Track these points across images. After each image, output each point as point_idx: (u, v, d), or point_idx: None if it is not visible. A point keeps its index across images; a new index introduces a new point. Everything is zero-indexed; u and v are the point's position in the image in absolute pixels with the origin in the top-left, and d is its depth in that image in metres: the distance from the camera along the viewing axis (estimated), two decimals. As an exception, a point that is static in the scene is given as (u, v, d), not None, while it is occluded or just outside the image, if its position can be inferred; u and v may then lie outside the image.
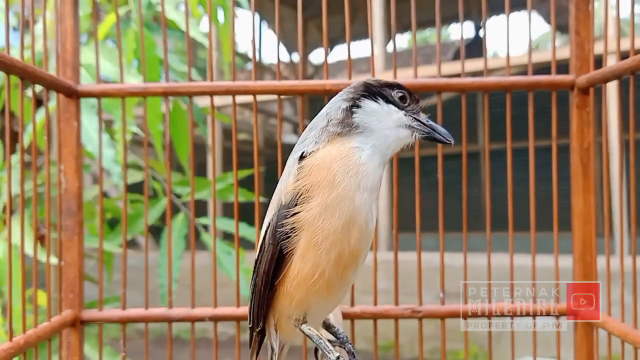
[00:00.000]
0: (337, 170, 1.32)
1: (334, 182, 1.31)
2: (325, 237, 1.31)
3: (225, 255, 3.13)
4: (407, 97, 1.46)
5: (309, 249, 1.32)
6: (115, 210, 3.63)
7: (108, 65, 2.92)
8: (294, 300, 1.38)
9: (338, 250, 1.32)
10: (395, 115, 1.44)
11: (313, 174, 1.33)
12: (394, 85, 1.47)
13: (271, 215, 1.41)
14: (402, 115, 1.44)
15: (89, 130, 2.84)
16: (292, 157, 1.43)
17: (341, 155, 1.34)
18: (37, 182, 1.76)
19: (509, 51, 2.05)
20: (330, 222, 1.30)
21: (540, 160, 2.06)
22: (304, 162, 1.36)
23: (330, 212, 1.30)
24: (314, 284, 1.34)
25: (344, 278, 1.37)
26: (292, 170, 1.38)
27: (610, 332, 1.83)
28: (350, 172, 1.33)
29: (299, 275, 1.35)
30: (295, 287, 1.37)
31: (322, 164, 1.34)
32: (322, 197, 1.31)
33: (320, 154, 1.36)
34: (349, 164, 1.34)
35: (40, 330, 1.76)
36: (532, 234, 2.01)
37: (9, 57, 1.59)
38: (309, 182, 1.33)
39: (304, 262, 1.33)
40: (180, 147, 3.50)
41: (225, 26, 3.42)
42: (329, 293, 1.37)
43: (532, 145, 2.03)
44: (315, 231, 1.31)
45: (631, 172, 1.76)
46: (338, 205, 1.30)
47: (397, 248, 2.02)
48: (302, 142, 1.44)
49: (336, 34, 13.04)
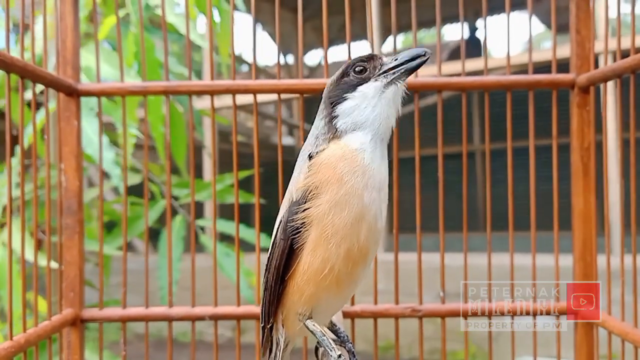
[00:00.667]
0: (343, 170, 1.33)
1: (342, 180, 1.32)
2: (335, 232, 1.32)
3: (224, 257, 3.12)
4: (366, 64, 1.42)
5: (319, 243, 1.33)
6: (112, 213, 3.63)
7: (107, 67, 2.91)
8: (304, 295, 1.39)
9: (347, 245, 1.33)
10: (369, 90, 1.40)
11: (322, 171, 1.34)
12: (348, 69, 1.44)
13: (282, 213, 1.42)
14: (373, 84, 1.41)
15: (88, 133, 2.84)
16: (301, 156, 1.45)
17: (345, 156, 1.35)
18: (37, 183, 1.75)
19: (509, 50, 2.05)
20: (340, 217, 1.31)
21: (537, 159, 2.06)
22: (313, 160, 1.37)
23: (340, 208, 1.31)
24: (324, 278, 1.35)
25: (352, 274, 1.37)
26: (303, 168, 1.39)
27: (611, 332, 1.84)
28: (357, 172, 1.34)
29: (309, 270, 1.36)
30: (305, 282, 1.37)
31: (328, 163, 1.35)
32: (331, 193, 1.32)
33: (326, 153, 1.37)
34: (354, 165, 1.34)
35: (40, 329, 1.75)
36: (533, 233, 2.01)
37: (9, 56, 1.59)
38: (318, 179, 1.34)
39: (314, 256, 1.34)
40: (177, 149, 3.49)
41: (224, 27, 3.42)
42: (338, 289, 1.38)
43: (532, 145, 2.03)
44: (325, 226, 1.32)
45: (631, 171, 1.76)
46: (347, 202, 1.31)
47: (397, 247, 2.02)
48: (307, 144, 1.46)
49: (332, 34, 13.06)
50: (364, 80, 1.41)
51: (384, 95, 1.40)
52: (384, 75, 1.40)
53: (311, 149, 1.42)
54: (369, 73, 1.41)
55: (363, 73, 1.41)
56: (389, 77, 1.39)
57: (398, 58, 1.40)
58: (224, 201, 3.49)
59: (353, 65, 1.43)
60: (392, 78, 1.39)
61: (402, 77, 1.40)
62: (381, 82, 1.40)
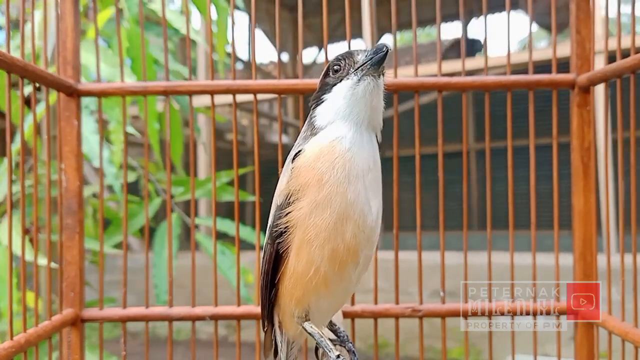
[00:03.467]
0: (322, 168, 1.32)
1: (322, 181, 1.31)
2: (317, 234, 1.31)
3: (219, 255, 3.12)
4: (342, 62, 1.44)
5: (302, 246, 1.33)
6: (107, 211, 3.61)
7: (102, 65, 2.90)
8: (294, 297, 1.39)
9: (332, 246, 1.32)
10: (342, 89, 1.41)
11: (302, 174, 1.34)
12: (328, 69, 1.46)
13: (270, 216, 1.43)
14: (346, 82, 1.41)
15: (83, 131, 2.82)
16: (288, 159, 1.44)
17: (322, 152, 1.34)
18: (37, 181, 1.75)
19: (509, 50, 2.05)
20: (322, 218, 1.31)
21: (534, 158, 2.06)
22: (294, 163, 1.37)
23: (321, 209, 1.31)
24: (310, 280, 1.34)
25: (342, 274, 1.36)
26: (286, 172, 1.39)
27: (610, 331, 1.83)
28: (337, 166, 1.32)
29: (295, 273, 1.36)
30: (292, 285, 1.38)
31: (307, 164, 1.34)
32: (312, 195, 1.32)
33: (304, 155, 1.36)
34: (333, 157, 1.33)
35: (40, 329, 1.75)
36: (533, 232, 2.01)
37: (10, 55, 1.58)
38: (299, 182, 1.34)
39: (298, 259, 1.35)
40: (173, 146, 3.49)
41: (221, 25, 3.41)
42: (327, 290, 1.37)
43: (533, 144, 2.03)
44: (307, 229, 1.32)
45: (631, 170, 1.76)
46: (329, 202, 1.31)
47: (397, 247, 2.02)
48: (295, 144, 1.46)
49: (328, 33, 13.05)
50: (339, 80, 1.42)
51: (355, 92, 1.39)
52: (355, 72, 1.40)
53: (296, 149, 1.42)
54: (343, 72, 1.42)
55: (339, 72, 1.43)
56: (358, 74, 1.40)
57: (367, 54, 1.41)
58: (219, 199, 3.48)
59: (332, 65, 1.44)
60: (361, 75, 1.39)
61: (369, 72, 1.39)
62: (352, 80, 1.40)
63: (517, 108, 2.05)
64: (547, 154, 2.06)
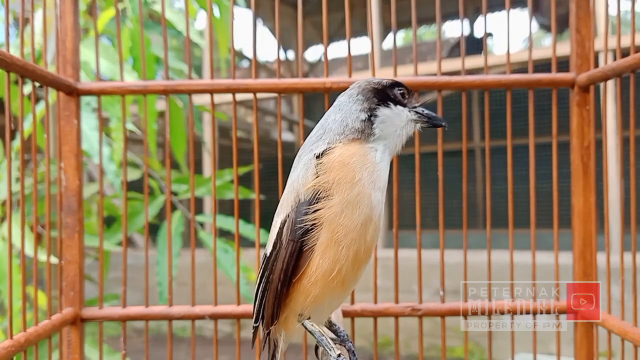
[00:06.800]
0: (355, 166, 1.34)
1: (354, 180, 1.33)
2: (346, 234, 1.32)
3: (221, 253, 3.12)
4: (406, 93, 1.51)
5: (330, 245, 1.33)
6: (111, 208, 3.62)
7: (103, 62, 2.91)
8: (310, 296, 1.38)
9: (356, 247, 1.33)
10: (403, 114, 1.48)
11: (334, 170, 1.34)
12: (394, 84, 1.50)
13: (286, 212, 1.40)
14: (407, 112, 1.49)
15: (83, 128, 2.83)
16: (305, 155, 1.43)
17: (358, 152, 1.37)
18: (37, 179, 1.75)
19: (509, 49, 2.04)
20: (351, 219, 1.32)
21: (536, 156, 2.06)
22: (323, 158, 1.36)
23: (352, 210, 1.32)
24: (332, 280, 1.34)
25: (357, 274, 1.39)
26: (310, 167, 1.37)
27: (610, 331, 1.83)
28: (368, 169, 1.35)
29: (317, 272, 1.35)
30: (312, 284, 1.37)
31: (342, 161, 1.35)
32: (344, 194, 1.32)
33: (338, 151, 1.37)
34: (366, 161, 1.36)
35: (40, 328, 1.75)
36: (532, 232, 2.01)
37: (9, 54, 1.58)
38: (330, 179, 1.33)
39: (323, 258, 1.34)
40: (176, 145, 3.49)
41: (223, 23, 3.41)
42: (343, 289, 1.39)
43: (533, 143, 2.03)
44: (336, 228, 1.32)
45: (631, 169, 1.76)
46: (359, 203, 1.32)
47: (397, 246, 2.02)
48: (314, 142, 1.45)
49: (332, 31, 13.05)
50: (401, 104, 1.50)
51: (406, 125, 1.49)
52: (414, 111, 1.51)
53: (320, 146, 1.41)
54: (406, 101, 1.51)
55: (402, 97, 1.51)
56: (416, 117, 1.50)
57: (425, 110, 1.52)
58: (223, 197, 3.49)
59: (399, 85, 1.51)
60: (418, 119, 1.51)
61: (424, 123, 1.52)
62: (411, 115, 1.50)
63: (518, 107, 2.05)
64: (547, 152, 2.05)
